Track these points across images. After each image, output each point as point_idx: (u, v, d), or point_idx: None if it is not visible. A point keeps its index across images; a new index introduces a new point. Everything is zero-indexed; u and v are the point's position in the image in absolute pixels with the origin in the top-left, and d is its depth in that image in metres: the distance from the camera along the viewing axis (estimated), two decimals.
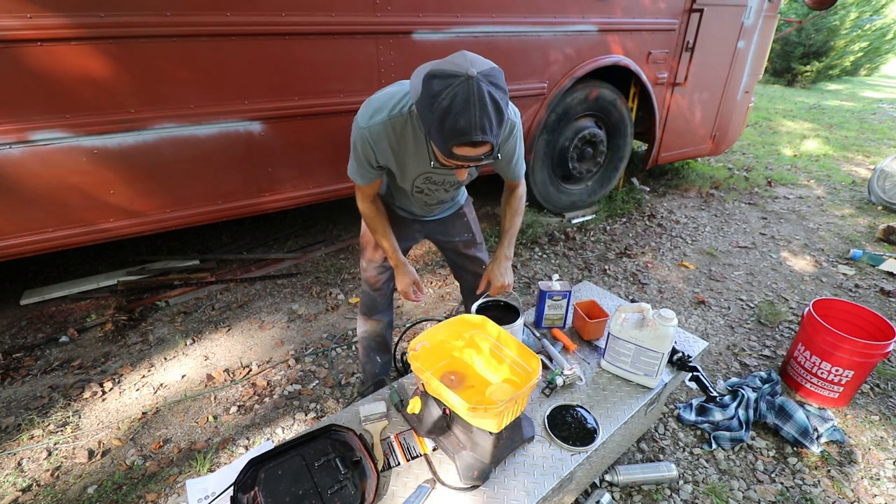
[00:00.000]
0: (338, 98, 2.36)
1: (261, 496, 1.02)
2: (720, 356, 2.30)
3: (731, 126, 4.04)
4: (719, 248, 3.37)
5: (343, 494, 1.04)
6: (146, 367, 2.16)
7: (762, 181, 4.64)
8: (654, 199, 4.15)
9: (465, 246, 1.73)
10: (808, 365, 1.99)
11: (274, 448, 1.14)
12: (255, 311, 2.54)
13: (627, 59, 3.18)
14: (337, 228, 3.43)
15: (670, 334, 1.35)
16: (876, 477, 1.71)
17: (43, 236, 2.00)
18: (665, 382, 1.48)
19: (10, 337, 2.32)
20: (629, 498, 1.61)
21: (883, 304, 2.74)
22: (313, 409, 1.94)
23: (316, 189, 2.54)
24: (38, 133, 1.84)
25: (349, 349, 2.29)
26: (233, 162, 2.26)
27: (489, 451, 1.11)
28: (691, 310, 2.65)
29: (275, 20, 2.10)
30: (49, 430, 1.83)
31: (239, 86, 2.14)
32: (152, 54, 1.93)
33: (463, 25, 2.53)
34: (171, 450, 1.77)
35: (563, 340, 1.61)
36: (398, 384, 1.44)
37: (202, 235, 3.26)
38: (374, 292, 1.71)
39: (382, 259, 1.61)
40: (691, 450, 1.79)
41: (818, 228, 3.70)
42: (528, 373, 1.19)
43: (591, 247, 3.31)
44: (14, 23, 1.69)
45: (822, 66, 10.52)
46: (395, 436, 1.24)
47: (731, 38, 3.57)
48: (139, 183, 2.10)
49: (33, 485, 1.63)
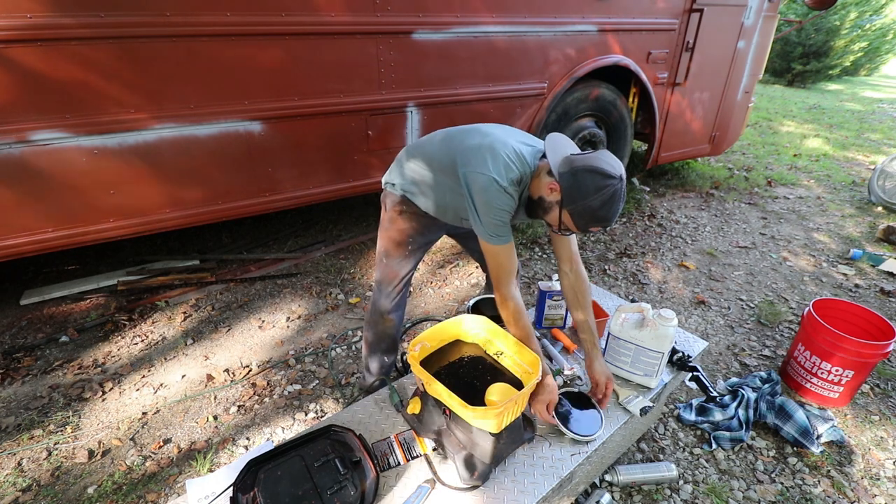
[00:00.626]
0: (338, 98, 2.36)
1: (260, 496, 1.02)
2: (720, 356, 2.30)
3: (731, 126, 4.04)
4: (719, 248, 3.37)
5: (343, 495, 1.04)
6: (146, 367, 2.16)
7: (762, 181, 4.64)
8: (654, 199, 4.15)
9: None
10: (808, 365, 1.99)
11: (274, 448, 1.14)
12: (255, 311, 2.54)
13: (627, 59, 3.18)
14: (337, 228, 3.43)
15: (670, 334, 1.35)
16: (876, 477, 1.71)
17: (43, 236, 1.99)
18: (665, 382, 1.48)
19: (10, 337, 2.32)
20: (629, 498, 1.61)
21: (883, 304, 2.74)
22: (313, 410, 1.94)
23: (316, 189, 2.54)
24: (38, 133, 1.84)
25: (349, 349, 2.29)
26: (233, 162, 2.26)
27: (489, 451, 1.11)
28: (691, 310, 2.65)
29: (275, 20, 2.09)
30: (49, 430, 1.83)
31: (239, 86, 2.14)
32: (152, 54, 1.93)
33: (463, 25, 2.53)
34: (171, 450, 1.77)
35: (563, 340, 1.61)
36: (398, 384, 1.44)
37: (202, 235, 3.26)
38: (392, 289, 1.65)
39: (405, 252, 1.58)
40: (691, 450, 1.79)
41: (818, 228, 3.70)
42: (528, 373, 1.19)
43: (591, 247, 3.31)
44: (14, 23, 1.68)
45: (822, 66, 10.52)
46: (395, 436, 1.25)
47: (731, 38, 3.56)
48: (139, 183, 2.10)
49: (33, 485, 1.63)
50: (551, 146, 1.29)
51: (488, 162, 1.26)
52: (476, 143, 1.32)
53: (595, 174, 1.18)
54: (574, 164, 1.21)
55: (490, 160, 1.27)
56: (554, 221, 1.30)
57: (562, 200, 1.24)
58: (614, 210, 1.20)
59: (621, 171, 1.19)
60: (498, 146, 1.29)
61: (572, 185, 1.20)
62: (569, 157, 1.24)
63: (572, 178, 1.20)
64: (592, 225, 1.24)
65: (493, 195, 1.26)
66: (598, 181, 1.18)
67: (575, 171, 1.20)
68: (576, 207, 1.22)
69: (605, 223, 1.23)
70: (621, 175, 1.19)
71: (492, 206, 1.27)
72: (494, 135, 1.34)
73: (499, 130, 1.39)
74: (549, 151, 1.27)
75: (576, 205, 1.21)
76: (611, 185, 1.17)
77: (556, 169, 1.23)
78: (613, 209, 1.20)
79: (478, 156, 1.29)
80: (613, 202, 1.19)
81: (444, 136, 1.46)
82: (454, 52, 2.57)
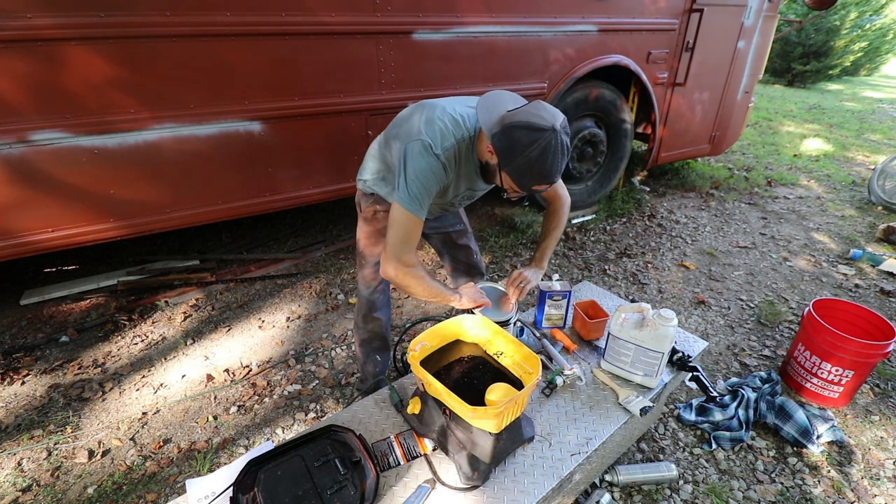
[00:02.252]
0: (338, 98, 2.36)
1: (260, 496, 1.02)
2: (720, 356, 2.30)
3: (731, 126, 4.04)
4: (719, 248, 3.37)
5: (343, 495, 1.04)
6: (146, 367, 2.16)
7: (762, 181, 4.64)
8: (654, 199, 4.15)
9: (458, 236, 1.76)
10: (808, 365, 1.99)
11: (274, 448, 1.14)
12: (255, 311, 2.54)
13: (627, 59, 3.18)
14: (337, 228, 3.43)
15: (670, 334, 1.35)
16: (876, 477, 1.71)
17: (43, 236, 1.99)
18: (665, 382, 1.48)
19: (10, 337, 2.32)
20: (629, 498, 1.61)
21: (883, 304, 2.74)
22: (313, 409, 1.94)
23: (316, 189, 2.54)
24: (38, 133, 1.84)
25: (349, 349, 2.29)
26: (233, 162, 2.26)
27: (489, 451, 1.11)
28: (691, 310, 2.65)
29: (275, 20, 2.09)
30: (49, 430, 1.83)
31: (239, 86, 2.14)
32: (152, 54, 1.93)
33: (463, 25, 2.53)
34: (171, 450, 1.77)
35: (564, 340, 1.61)
36: (398, 384, 1.44)
37: (202, 235, 3.26)
38: (374, 291, 1.71)
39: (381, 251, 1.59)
40: (691, 450, 1.79)
41: (818, 228, 3.70)
42: (528, 373, 1.19)
43: (591, 247, 3.31)
44: (14, 23, 1.68)
45: (822, 66, 10.52)
46: (395, 436, 1.24)
47: (731, 38, 3.56)
48: (139, 183, 2.10)
49: (33, 485, 1.63)
50: (484, 106, 1.21)
51: (423, 131, 1.24)
52: (416, 118, 1.29)
53: (524, 129, 1.11)
54: (504, 123, 1.14)
55: (425, 129, 1.24)
56: (501, 185, 1.26)
57: (499, 162, 1.18)
58: (551, 164, 1.13)
59: (553, 122, 1.10)
60: (436, 115, 1.26)
61: (505, 145, 1.14)
62: (502, 115, 1.16)
63: (503, 138, 1.14)
64: (533, 183, 1.18)
65: (424, 160, 1.21)
66: (529, 136, 1.10)
67: (505, 130, 1.13)
68: (511, 168, 1.16)
69: (546, 180, 1.16)
70: (553, 126, 1.10)
71: (422, 171, 1.22)
72: (438, 105, 1.31)
73: (446, 101, 1.34)
74: (480, 113, 1.20)
75: (510, 165, 1.16)
76: (542, 138, 1.10)
77: (488, 131, 1.17)
78: (549, 163, 1.13)
79: (413, 128, 1.26)
80: (547, 156, 1.11)
81: (395, 119, 1.43)
82: (454, 52, 2.57)
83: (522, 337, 1.59)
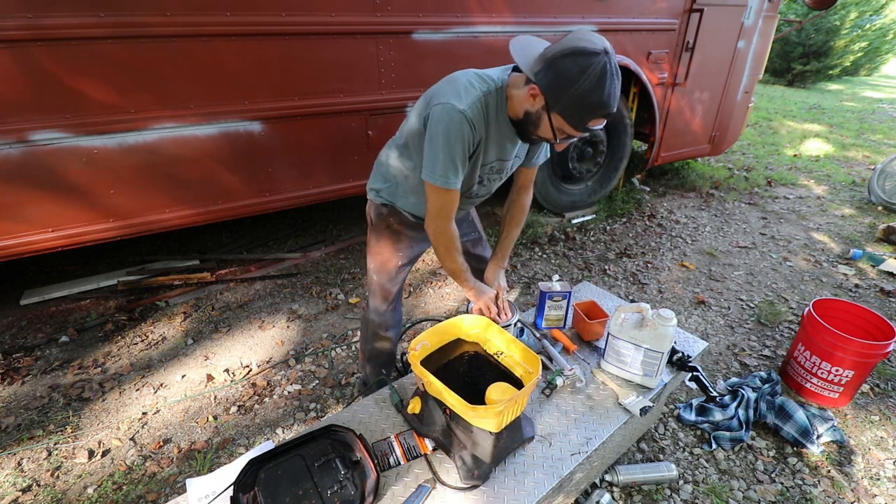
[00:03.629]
0: (338, 98, 2.36)
1: (260, 496, 1.02)
2: (720, 356, 2.30)
3: (731, 126, 4.04)
4: (719, 248, 3.37)
5: (343, 494, 1.04)
6: (146, 367, 2.16)
7: (762, 181, 4.64)
8: (654, 199, 4.15)
9: (473, 245, 1.71)
10: (808, 365, 1.99)
11: (274, 448, 1.14)
12: (255, 311, 2.54)
13: (627, 59, 3.18)
14: (337, 228, 3.43)
15: (670, 334, 1.35)
16: (876, 477, 1.71)
17: (43, 236, 1.99)
18: (665, 382, 1.48)
19: (10, 337, 2.32)
20: (629, 498, 1.61)
21: (883, 304, 2.74)
22: (313, 409, 1.94)
23: (316, 189, 2.54)
24: (38, 133, 1.84)
25: (349, 349, 2.29)
26: (233, 162, 2.26)
27: (489, 451, 1.11)
28: (691, 310, 2.65)
29: (275, 20, 2.10)
30: (49, 430, 1.82)
31: (239, 86, 2.14)
32: (152, 54, 1.93)
33: (463, 25, 2.53)
34: (171, 450, 1.77)
35: (564, 341, 1.61)
36: (398, 384, 1.44)
37: (202, 235, 3.26)
38: (387, 306, 1.62)
39: (395, 269, 1.54)
40: (691, 450, 1.79)
41: (818, 228, 3.70)
42: (528, 373, 1.19)
43: (591, 247, 3.31)
44: (14, 23, 1.69)
45: (822, 66, 10.52)
46: (396, 436, 1.24)
47: (731, 38, 3.57)
48: (139, 183, 2.10)
49: (33, 485, 1.63)
50: (518, 48, 1.11)
51: (447, 92, 1.14)
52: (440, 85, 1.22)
53: (572, 57, 0.99)
54: (547, 56, 1.03)
55: (449, 90, 1.15)
56: (548, 134, 1.13)
57: (546, 103, 1.07)
58: (609, 90, 1.01)
59: (604, 44, 1.00)
60: (459, 75, 1.19)
61: (552, 79, 1.03)
62: (541, 52, 1.06)
63: (550, 72, 1.02)
64: (591, 117, 1.06)
65: (450, 124, 1.11)
66: (580, 62, 0.99)
67: (550, 63, 1.02)
68: (563, 104, 1.04)
69: (605, 109, 1.04)
70: (605, 48, 1.00)
71: (449, 136, 1.12)
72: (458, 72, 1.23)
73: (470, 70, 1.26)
74: (516, 54, 1.09)
75: (562, 101, 1.04)
76: (595, 62, 0.98)
77: (529, 71, 1.06)
78: (608, 89, 1.01)
79: (438, 92, 1.18)
80: (605, 81, 1.00)
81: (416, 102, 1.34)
82: (454, 52, 2.57)
83: (522, 337, 1.59)
